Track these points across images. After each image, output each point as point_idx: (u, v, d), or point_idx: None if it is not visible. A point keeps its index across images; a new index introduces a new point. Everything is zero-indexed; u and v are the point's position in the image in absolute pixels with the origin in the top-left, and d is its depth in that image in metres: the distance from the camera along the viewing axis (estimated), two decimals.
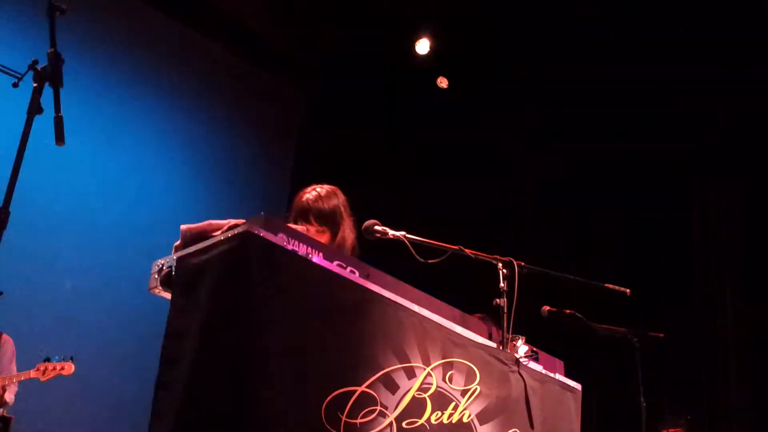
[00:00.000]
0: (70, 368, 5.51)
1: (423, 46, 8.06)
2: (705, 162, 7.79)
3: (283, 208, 7.84)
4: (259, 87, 8.44)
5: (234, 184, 7.95)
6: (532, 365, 3.05)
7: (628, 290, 3.35)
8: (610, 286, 3.42)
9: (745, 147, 7.44)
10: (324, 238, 3.40)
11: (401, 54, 8.17)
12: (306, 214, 3.47)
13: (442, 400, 2.73)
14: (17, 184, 2.47)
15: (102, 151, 6.92)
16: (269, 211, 2.61)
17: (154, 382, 2.54)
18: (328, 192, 3.56)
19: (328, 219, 3.47)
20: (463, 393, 2.79)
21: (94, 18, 6.89)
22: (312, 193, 3.54)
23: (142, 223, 6.89)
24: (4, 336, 5.76)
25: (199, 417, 2.33)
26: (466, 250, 3.18)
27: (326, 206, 3.49)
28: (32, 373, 5.48)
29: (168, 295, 2.72)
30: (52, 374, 5.47)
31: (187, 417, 2.37)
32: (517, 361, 2.95)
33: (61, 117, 2.59)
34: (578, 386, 3.22)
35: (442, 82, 8.26)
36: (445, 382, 2.76)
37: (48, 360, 5.47)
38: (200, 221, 2.86)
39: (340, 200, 3.55)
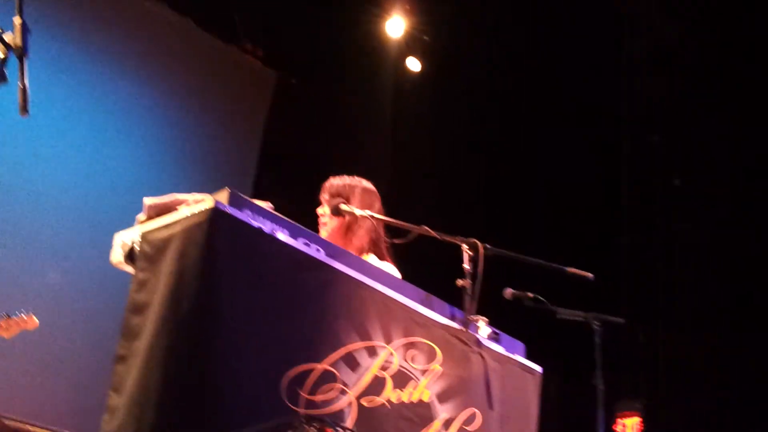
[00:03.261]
0: (33, 322, 5.15)
1: (396, 27, 8.03)
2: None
3: (248, 185, 7.89)
4: (228, 63, 8.36)
5: (199, 160, 7.88)
6: (494, 346, 3.07)
7: (590, 275, 3.39)
8: (573, 270, 3.46)
9: None
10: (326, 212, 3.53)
11: (372, 36, 8.14)
12: (322, 192, 3.66)
13: (402, 379, 2.75)
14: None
15: (64, 122, 6.83)
16: (243, 189, 2.60)
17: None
18: (353, 177, 3.73)
19: (333, 192, 3.61)
20: (424, 372, 2.81)
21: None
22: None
23: (105, 195, 6.83)
24: None
25: (158, 390, 2.33)
26: (431, 231, 3.19)
27: (333, 182, 3.67)
28: None
29: (130, 269, 2.71)
30: (16, 329, 5.10)
31: (145, 391, 2.36)
32: (478, 342, 2.97)
33: (26, 87, 2.55)
34: (539, 368, 3.25)
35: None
36: (407, 361, 2.78)
37: (7, 316, 5.10)
38: (164, 195, 2.85)
39: (355, 181, 3.69)
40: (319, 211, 3.63)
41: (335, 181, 3.68)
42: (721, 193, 7.42)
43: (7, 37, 2.61)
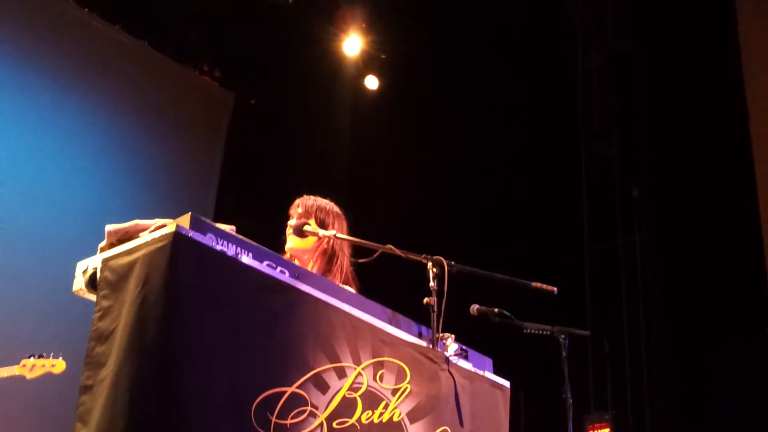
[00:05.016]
0: (60, 365, 5.02)
1: (352, 46, 8.05)
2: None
3: (210, 207, 7.84)
4: (186, 85, 8.33)
5: (159, 184, 7.84)
6: (462, 363, 3.07)
7: (554, 289, 3.40)
8: (537, 285, 3.47)
9: None
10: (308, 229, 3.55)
11: (330, 55, 8.16)
12: (294, 207, 3.73)
13: (372, 400, 2.73)
14: None
15: (20, 150, 6.74)
16: (204, 212, 2.58)
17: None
18: (319, 198, 3.81)
19: (311, 210, 3.68)
20: (394, 392, 2.80)
21: (12, 17, 6.71)
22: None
23: (65, 224, 6.74)
24: None
25: (124, 419, 2.29)
26: (395, 249, 3.19)
27: (312, 201, 3.74)
28: (17, 370, 4.94)
29: (93, 297, 2.67)
30: (41, 371, 4.96)
31: (112, 420, 2.32)
32: (446, 360, 2.97)
33: None
34: (507, 384, 3.25)
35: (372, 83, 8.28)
36: (376, 381, 2.77)
37: (37, 356, 4.97)
38: (124, 221, 2.82)
39: (329, 205, 3.78)
40: (291, 223, 3.64)
41: (310, 201, 3.75)
42: (680, 202, 7.52)
43: None
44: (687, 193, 7.49)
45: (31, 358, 4.96)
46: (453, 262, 3.06)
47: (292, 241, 3.62)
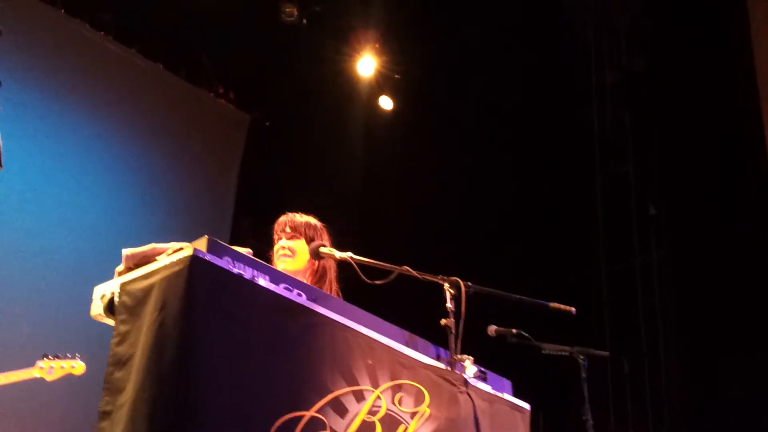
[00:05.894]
0: (81, 366, 4.83)
1: (366, 67, 8.07)
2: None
3: (226, 229, 7.84)
4: (201, 107, 8.35)
5: (175, 206, 7.85)
6: (481, 385, 3.05)
7: (573, 309, 3.38)
8: (555, 305, 3.44)
9: None
10: (299, 248, 3.61)
11: (344, 76, 8.18)
12: (281, 226, 3.74)
13: (391, 423, 2.72)
14: None
15: (38, 173, 6.77)
16: (220, 235, 2.58)
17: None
18: (304, 216, 3.82)
19: (300, 228, 3.69)
20: (413, 415, 2.78)
21: (29, 40, 6.76)
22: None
23: (83, 248, 6.76)
24: None
25: None
26: (412, 271, 3.17)
27: (300, 219, 3.75)
28: (35, 372, 4.73)
29: (111, 322, 2.66)
30: (60, 373, 4.76)
31: None
32: (465, 382, 2.95)
33: None
34: (527, 406, 3.23)
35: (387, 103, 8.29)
36: (395, 405, 2.75)
37: (54, 357, 4.78)
38: (140, 244, 2.82)
39: (315, 222, 3.80)
40: (284, 244, 3.63)
41: (299, 219, 3.75)
42: (697, 219, 7.47)
43: None
44: (704, 210, 7.45)
45: (49, 359, 4.78)
46: (470, 283, 3.05)
47: (284, 263, 3.62)
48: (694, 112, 7.61)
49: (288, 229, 3.71)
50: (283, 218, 3.78)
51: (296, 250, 3.66)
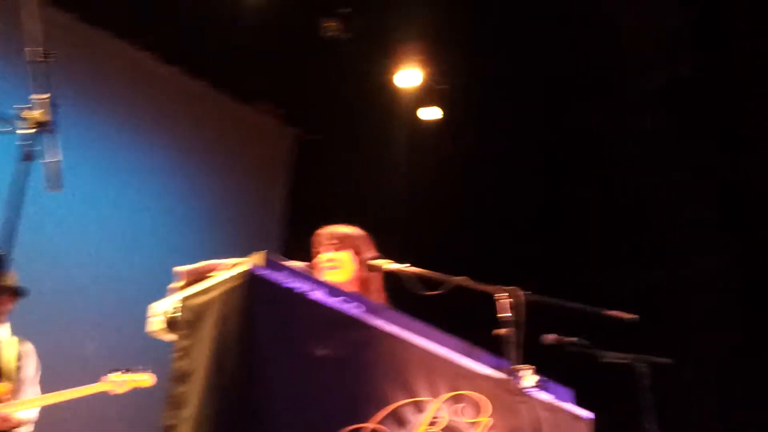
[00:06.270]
0: (149, 379, 4.87)
1: (410, 78, 8.05)
2: None
3: (275, 244, 7.89)
4: (247, 124, 8.44)
5: (225, 223, 7.93)
6: (542, 395, 3.01)
7: (632, 316, 3.32)
8: (612, 312, 3.39)
9: None
10: (345, 259, 3.54)
11: (387, 87, 8.18)
12: (324, 237, 3.67)
13: None
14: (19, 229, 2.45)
15: (91, 193, 6.87)
16: (270, 250, 2.59)
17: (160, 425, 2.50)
18: (345, 227, 3.74)
19: (344, 240, 3.62)
20: (474, 426, 2.75)
21: (79, 63, 6.88)
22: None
23: (134, 263, 6.87)
24: (28, 343, 5.06)
25: None
26: (468, 281, 3.15)
27: (344, 230, 3.68)
28: (105, 386, 4.77)
29: (170, 338, 2.68)
30: (131, 385, 4.83)
31: None
32: (526, 392, 2.91)
33: (57, 162, 2.57)
34: (590, 415, 3.18)
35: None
36: (455, 415, 2.73)
37: (125, 370, 4.83)
38: (192, 261, 2.84)
39: (358, 232, 3.71)
40: (329, 255, 3.60)
41: (342, 230, 3.69)
42: (753, 221, 7.33)
43: (34, 114, 2.64)
44: (758, 212, 7.31)
45: (116, 373, 4.83)
46: (528, 292, 3.02)
47: (330, 274, 3.53)
48: (738, 116, 7.48)
49: (331, 241, 3.66)
50: (324, 229, 3.72)
51: (342, 262, 3.60)
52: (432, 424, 2.65)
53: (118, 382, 4.82)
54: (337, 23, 7.55)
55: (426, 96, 8.24)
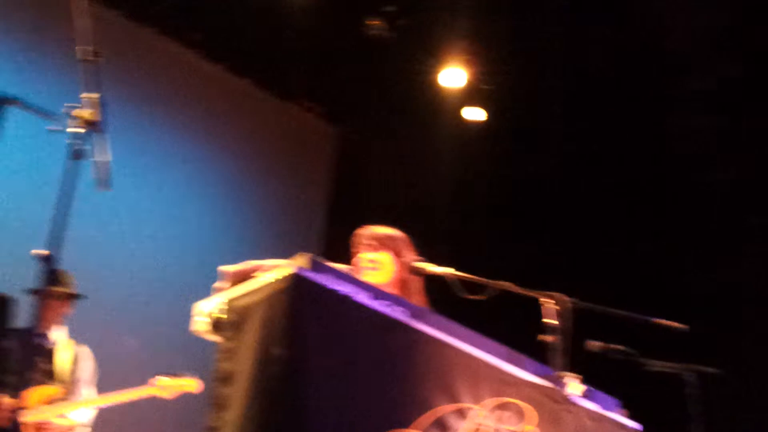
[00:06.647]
0: (195, 384, 4.91)
1: (455, 77, 8.00)
2: None
3: (318, 246, 7.90)
4: (290, 121, 8.45)
5: (267, 221, 7.97)
6: (588, 404, 2.96)
7: (680, 325, 3.27)
8: (660, 320, 3.34)
9: None
10: (385, 260, 3.52)
11: (432, 86, 8.14)
12: (364, 238, 3.66)
13: None
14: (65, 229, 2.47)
15: (134, 191, 6.93)
16: (312, 249, 2.59)
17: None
18: (385, 228, 3.71)
19: (384, 241, 3.60)
20: None
21: (126, 61, 6.93)
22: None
23: (177, 260, 6.96)
24: (84, 347, 5.17)
25: None
26: (513, 286, 3.12)
27: (383, 231, 3.66)
28: (153, 391, 4.84)
29: (214, 338, 2.69)
30: (178, 390, 4.87)
31: None
32: (571, 400, 2.87)
33: (106, 161, 2.59)
34: (637, 426, 3.13)
35: None
36: (498, 423, 2.70)
37: (173, 375, 4.88)
38: (234, 260, 2.84)
39: (398, 234, 3.68)
40: (369, 257, 3.58)
41: (381, 231, 3.67)
42: None
43: (84, 113, 2.66)
44: None
45: (163, 377, 4.88)
46: (575, 298, 2.98)
47: (369, 276, 3.51)
48: None
49: (372, 242, 3.64)
50: (364, 230, 3.70)
51: (382, 263, 3.58)
52: (475, 431, 2.62)
53: (166, 387, 4.86)
54: (382, 22, 7.53)
55: (471, 96, 8.20)
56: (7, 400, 4.41)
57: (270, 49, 7.78)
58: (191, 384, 4.93)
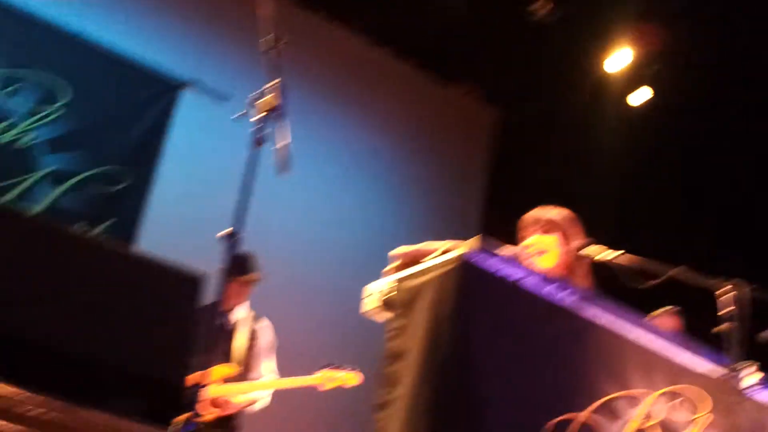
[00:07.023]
0: (358, 377, 5.06)
1: (620, 58, 7.78)
2: None
3: (477, 229, 7.89)
4: (448, 103, 8.48)
5: (426, 203, 8.04)
6: (764, 395, 2.85)
7: None
8: None
9: None
10: (552, 244, 3.46)
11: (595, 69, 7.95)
12: (533, 221, 3.57)
13: (668, 431, 2.61)
14: (248, 212, 2.60)
15: (300, 174, 7.14)
16: (470, 232, 2.61)
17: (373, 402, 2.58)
18: (553, 209, 3.61)
19: (552, 223, 3.52)
20: (689, 423, 2.66)
21: (296, 47, 7.13)
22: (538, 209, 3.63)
23: (341, 242, 7.17)
24: (264, 319, 5.38)
25: None
26: (686, 273, 3.03)
27: (553, 213, 3.57)
28: (314, 380, 5.01)
29: (383, 317, 2.76)
30: (337, 383, 5.02)
31: None
32: (748, 390, 2.77)
33: (286, 146, 2.70)
34: None
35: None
36: (670, 412, 2.64)
37: (333, 367, 5.03)
38: (397, 243, 2.90)
39: (566, 215, 3.60)
40: (537, 240, 3.53)
41: (551, 213, 3.59)
42: None
43: (266, 99, 2.79)
44: None
45: (329, 368, 5.02)
46: (754, 286, 2.87)
47: (537, 260, 3.45)
48: None
49: (540, 224, 3.58)
50: (533, 213, 3.62)
51: (549, 246, 3.50)
52: (647, 418, 2.58)
53: (327, 378, 5.00)
54: (546, 4, 7.42)
55: (636, 77, 7.95)
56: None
57: (432, 32, 7.83)
58: (353, 378, 5.05)
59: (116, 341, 2.06)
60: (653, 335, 2.74)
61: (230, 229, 2.61)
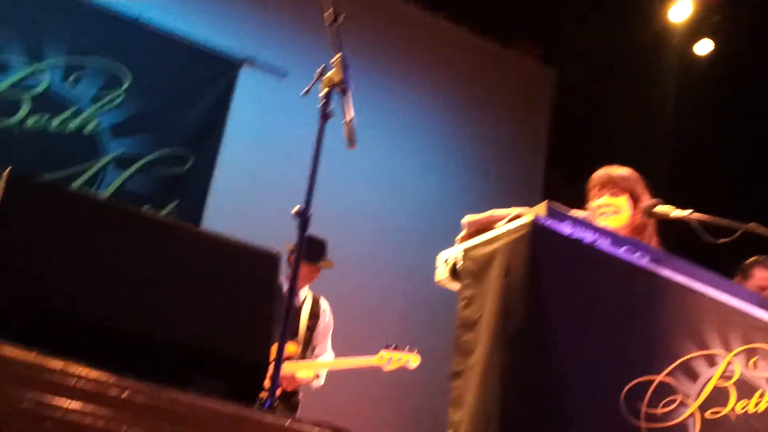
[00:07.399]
0: (415, 360, 5.11)
1: (681, 10, 7.59)
2: None
3: (540, 191, 7.85)
4: (506, 66, 8.43)
5: (487, 170, 8.01)
6: None
7: None
8: None
9: None
10: (622, 204, 3.42)
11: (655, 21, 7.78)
12: (601, 181, 3.51)
13: (747, 389, 2.59)
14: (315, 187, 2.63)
15: (364, 144, 7.17)
16: (533, 195, 2.60)
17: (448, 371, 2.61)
18: (620, 168, 3.56)
19: (621, 183, 3.46)
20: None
21: (357, 23, 7.14)
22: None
23: (419, 215, 7.22)
24: (323, 300, 5.43)
25: (499, 407, 2.36)
26: (761, 228, 2.98)
27: (620, 172, 3.51)
28: (374, 361, 5.08)
29: (454, 287, 2.77)
30: (397, 364, 5.08)
31: (486, 407, 2.40)
32: None
33: (351, 120, 2.72)
34: None
35: None
36: (749, 369, 2.61)
37: (394, 348, 5.08)
38: (458, 212, 2.90)
39: (633, 174, 3.54)
40: (606, 201, 3.47)
41: (618, 172, 3.52)
42: None
43: (330, 74, 2.80)
44: None
45: (389, 349, 5.08)
46: None
47: (607, 220, 3.39)
48: None
49: (609, 185, 3.51)
50: (601, 172, 3.55)
51: (618, 206, 3.45)
52: (724, 377, 2.56)
53: (387, 359, 5.05)
54: None
55: (697, 30, 7.77)
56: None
57: None
58: (414, 359, 5.11)
59: (198, 322, 2.11)
60: (729, 293, 2.71)
61: (300, 206, 2.64)
